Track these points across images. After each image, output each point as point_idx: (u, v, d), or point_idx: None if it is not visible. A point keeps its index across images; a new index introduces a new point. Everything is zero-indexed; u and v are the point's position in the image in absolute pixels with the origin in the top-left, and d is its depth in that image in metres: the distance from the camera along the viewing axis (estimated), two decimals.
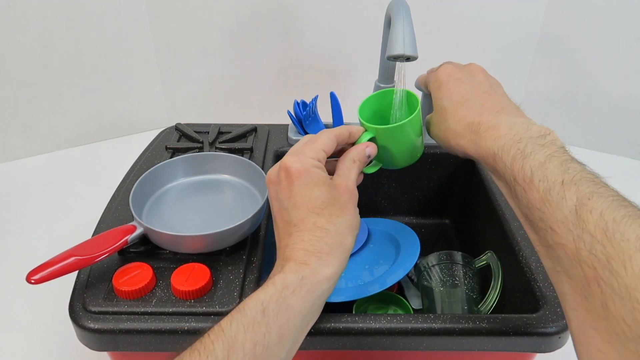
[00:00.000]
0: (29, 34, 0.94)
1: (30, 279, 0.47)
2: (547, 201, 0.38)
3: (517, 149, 0.43)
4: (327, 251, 0.44)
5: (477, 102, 0.50)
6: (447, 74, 0.55)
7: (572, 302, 0.36)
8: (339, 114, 0.79)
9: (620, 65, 1.00)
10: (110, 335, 0.49)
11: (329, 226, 0.45)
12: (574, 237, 0.36)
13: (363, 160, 0.51)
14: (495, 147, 0.45)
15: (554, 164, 0.40)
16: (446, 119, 0.52)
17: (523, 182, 0.41)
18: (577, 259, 0.35)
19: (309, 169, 0.46)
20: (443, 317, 0.50)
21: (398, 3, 0.64)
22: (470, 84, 0.53)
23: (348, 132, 0.52)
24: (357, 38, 1.05)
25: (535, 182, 0.40)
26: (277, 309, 0.40)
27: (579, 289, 0.35)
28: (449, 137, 0.51)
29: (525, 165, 0.41)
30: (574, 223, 0.36)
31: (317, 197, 0.46)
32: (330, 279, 0.44)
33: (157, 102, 1.13)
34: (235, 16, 1.02)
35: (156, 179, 0.64)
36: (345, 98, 0.82)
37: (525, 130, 0.45)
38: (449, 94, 0.53)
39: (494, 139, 0.46)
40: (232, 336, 0.38)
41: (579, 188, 0.37)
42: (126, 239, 0.54)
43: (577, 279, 0.35)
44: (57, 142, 1.07)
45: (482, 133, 0.47)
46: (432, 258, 0.65)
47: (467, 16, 1.03)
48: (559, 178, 0.39)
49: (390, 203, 0.85)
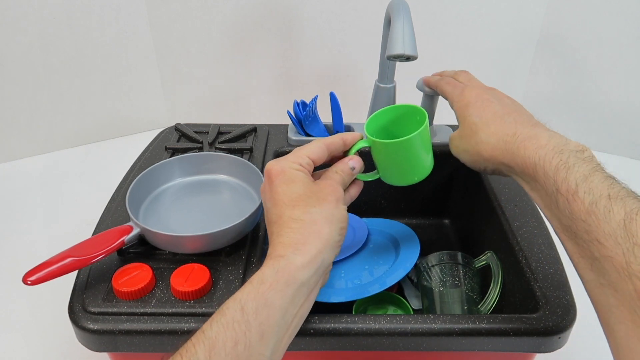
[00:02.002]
0: (29, 34, 0.94)
1: (27, 280, 0.47)
2: (592, 213, 0.39)
3: (560, 159, 0.43)
4: (303, 241, 0.44)
5: (509, 118, 0.51)
6: (475, 95, 0.55)
7: (618, 315, 0.36)
8: (339, 114, 0.79)
9: (620, 65, 1.00)
10: (110, 336, 0.49)
11: (304, 216, 0.45)
12: (623, 251, 0.36)
13: (346, 172, 0.51)
14: (536, 157, 0.45)
15: (599, 177, 0.41)
16: (477, 132, 0.52)
17: (567, 192, 0.41)
18: (627, 273, 0.35)
19: (286, 169, 0.48)
20: (443, 318, 0.50)
21: (398, 3, 0.64)
22: (500, 104, 0.54)
23: (341, 140, 0.53)
24: (357, 38, 1.05)
25: (580, 194, 0.40)
26: (255, 306, 0.40)
27: (626, 302, 0.35)
28: (480, 149, 0.51)
29: (570, 177, 0.42)
30: (623, 236, 0.36)
31: (293, 191, 0.47)
32: (305, 268, 0.43)
33: (157, 102, 1.13)
34: (235, 16, 1.02)
35: (153, 179, 0.64)
36: (345, 98, 0.82)
37: (565, 143, 0.46)
38: (479, 111, 0.53)
39: (534, 148, 0.46)
40: (213, 337, 0.38)
41: (626, 203, 0.38)
42: (123, 239, 0.53)
43: (626, 292, 0.35)
44: (57, 142, 1.07)
45: (520, 143, 0.47)
46: (432, 258, 0.65)
47: (467, 16, 1.03)
48: (605, 192, 0.39)
49: (390, 203, 0.85)
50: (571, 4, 0.99)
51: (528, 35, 1.05)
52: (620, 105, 1.04)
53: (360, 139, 0.54)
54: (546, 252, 0.58)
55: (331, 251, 0.46)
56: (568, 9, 1.00)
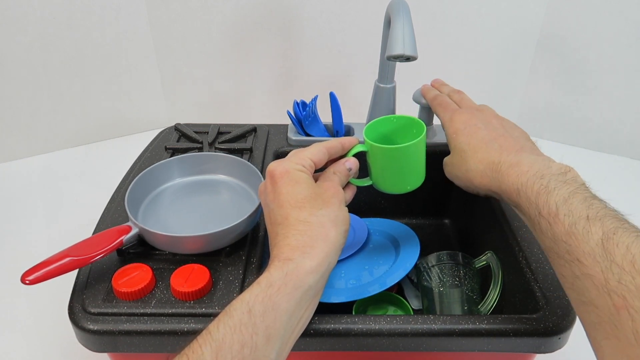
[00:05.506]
0: (29, 34, 0.94)
1: (25, 279, 0.47)
2: (572, 234, 0.40)
3: (541, 184, 0.45)
4: (311, 244, 0.44)
5: (495, 144, 0.53)
6: (463, 122, 0.57)
7: (602, 332, 0.37)
8: (339, 114, 0.79)
9: (620, 65, 1.00)
10: (110, 337, 0.49)
11: (311, 219, 0.46)
12: (602, 269, 0.37)
13: (343, 173, 0.52)
14: (518, 184, 0.47)
15: (578, 199, 0.42)
16: (466, 160, 0.54)
17: (548, 215, 0.43)
18: (605, 289, 0.36)
19: (291, 171, 0.48)
20: (443, 318, 0.50)
21: (398, 3, 0.64)
22: (487, 129, 0.55)
23: (340, 144, 0.54)
24: (357, 38, 1.05)
25: (561, 216, 0.42)
26: (263, 309, 0.40)
27: (606, 318, 0.36)
28: (471, 177, 0.53)
29: (550, 200, 0.43)
30: (601, 255, 0.37)
31: (298, 192, 0.47)
32: (314, 272, 0.43)
33: (157, 102, 1.13)
34: (235, 16, 1.02)
35: (152, 179, 0.64)
36: (344, 98, 0.82)
37: (547, 167, 0.47)
38: (467, 139, 0.55)
39: (516, 175, 0.48)
40: (220, 339, 0.38)
41: (604, 223, 0.39)
42: (121, 239, 0.53)
43: (605, 308, 0.36)
44: (57, 142, 1.07)
45: (504, 171, 0.49)
46: (432, 258, 0.65)
47: (467, 16, 1.03)
48: (584, 213, 0.40)
49: (390, 203, 0.85)
50: (571, 4, 0.99)
51: (528, 36, 1.05)
52: (620, 105, 1.04)
53: (357, 143, 0.55)
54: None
55: (336, 254, 0.47)
56: (568, 9, 1.00)
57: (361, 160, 0.55)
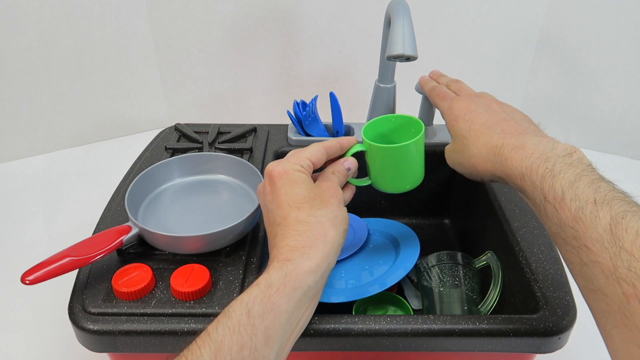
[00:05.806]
0: (29, 34, 0.94)
1: (25, 279, 0.47)
2: (579, 220, 0.39)
3: (546, 167, 0.43)
4: (310, 244, 0.44)
5: (497, 128, 0.51)
6: (463, 108, 0.55)
7: (612, 320, 0.36)
8: (339, 114, 0.79)
9: (620, 65, 1.00)
10: (110, 337, 0.49)
11: (310, 219, 0.45)
12: (610, 255, 0.36)
13: (342, 173, 0.52)
14: (522, 167, 0.45)
15: (584, 182, 0.40)
16: (468, 146, 0.52)
17: (554, 200, 0.41)
18: (614, 277, 0.35)
19: (289, 171, 0.48)
20: (443, 318, 0.50)
21: (398, 3, 0.65)
22: (487, 114, 0.53)
23: (339, 144, 0.53)
24: (357, 38, 1.05)
25: (567, 201, 0.40)
26: (262, 310, 0.40)
27: (616, 307, 0.35)
28: (474, 163, 0.51)
29: (556, 184, 0.42)
30: (610, 241, 0.36)
31: (297, 192, 0.47)
32: (313, 272, 0.43)
33: (157, 102, 1.13)
34: (235, 16, 1.02)
35: (152, 179, 0.64)
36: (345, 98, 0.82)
37: (551, 149, 0.45)
38: (468, 124, 0.53)
39: (520, 158, 0.46)
40: (219, 340, 0.38)
41: (612, 207, 0.38)
42: (121, 239, 0.53)
43: (614, 296, 0.35)
44: (57, 142, 1.07)
45: (507, 154, 0.47)
46: (432, 258, 0.65)
47: (467, 16, 1.03)
48: (591, 197, 0.39)
49: (390, 203, 0.85)
50: (571, 4, 0.99)
51: (528, 35, 1.05)
52: (620, 105, 1.04)
53: (356, 143, 0.55)
54: (546, 252, 0.58)
55: (335, 254, 0.46)
56: (568, 9, 1.00)
57: (360, 160, 0.55)
